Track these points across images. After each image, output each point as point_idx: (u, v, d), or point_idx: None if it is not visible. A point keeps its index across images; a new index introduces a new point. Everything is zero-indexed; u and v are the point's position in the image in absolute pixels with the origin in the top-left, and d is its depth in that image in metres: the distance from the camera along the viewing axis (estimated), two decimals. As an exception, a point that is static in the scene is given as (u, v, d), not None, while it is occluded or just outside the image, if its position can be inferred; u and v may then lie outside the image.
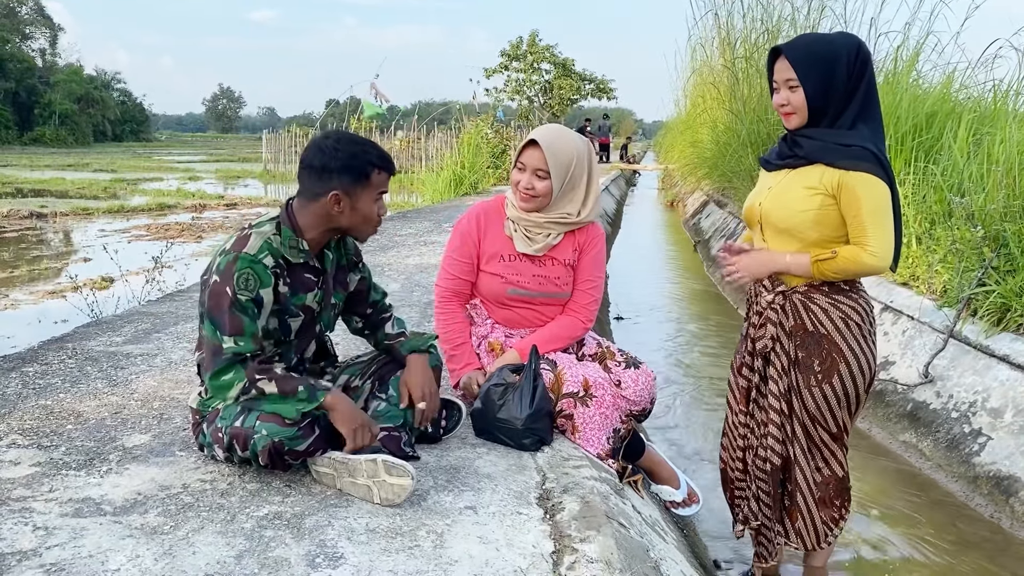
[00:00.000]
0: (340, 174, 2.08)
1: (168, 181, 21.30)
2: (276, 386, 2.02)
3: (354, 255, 2.38)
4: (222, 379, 2.03)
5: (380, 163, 2.13)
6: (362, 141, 2.15)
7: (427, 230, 7.96)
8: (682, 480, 2.78)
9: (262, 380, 2.02)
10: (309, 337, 2.28)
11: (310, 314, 2.21)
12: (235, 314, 2.02)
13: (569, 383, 2.47)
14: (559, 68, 36.62)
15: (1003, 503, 3.11)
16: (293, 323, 2.18)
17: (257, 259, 2.05)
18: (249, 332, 2.04)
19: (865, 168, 2.06)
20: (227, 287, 2.02)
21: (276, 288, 2.09)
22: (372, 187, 2.12)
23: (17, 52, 50.62)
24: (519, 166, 2.61)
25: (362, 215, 2.14)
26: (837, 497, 2.34)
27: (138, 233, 11.18)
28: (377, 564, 1.71)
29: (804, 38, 2.19)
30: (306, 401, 2.01)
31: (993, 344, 3.67)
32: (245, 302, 2.02)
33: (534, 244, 2.64)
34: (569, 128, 2.79)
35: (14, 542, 1.74)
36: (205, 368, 2.07)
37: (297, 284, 2.15)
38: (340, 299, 2.33)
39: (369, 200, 2.13)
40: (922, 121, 5.69)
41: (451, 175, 14.42)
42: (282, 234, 2.12)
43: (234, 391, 2.03)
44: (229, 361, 2.03)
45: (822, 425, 2.26)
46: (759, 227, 2.29)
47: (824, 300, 2.20)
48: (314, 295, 2.20)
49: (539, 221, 2.63)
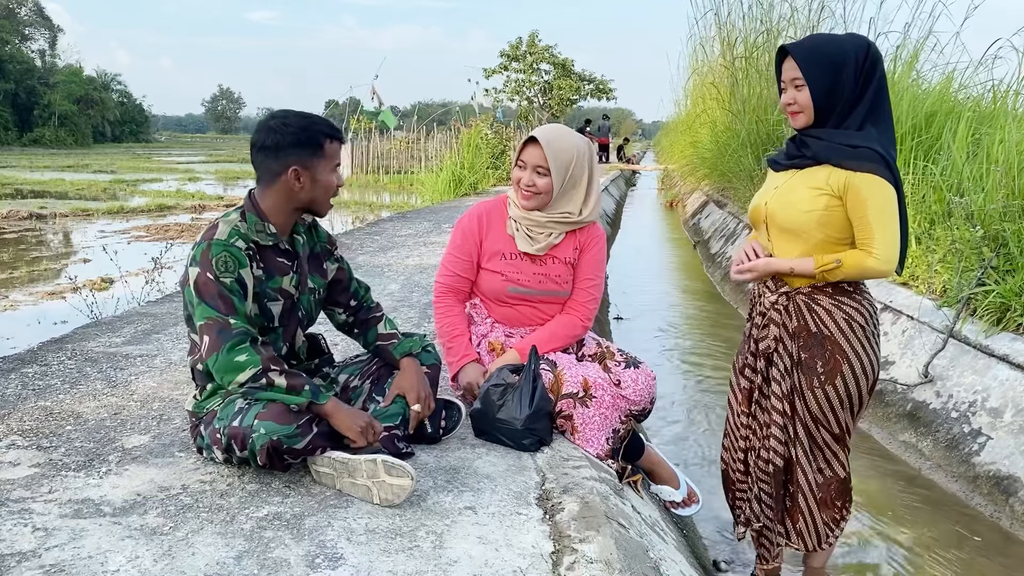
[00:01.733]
0: (295, 148, 2.10)
1: (168, 182, 21.31)
2: (286, 380, 2.01)
3: (327, 243, 2.38)
4: (235, 359, 1.99)
5: (331, 132, 2.16)
6: (308, 115, 2.17)
7: (426, 231, 7.95)
8: (682, 480, 2.78)
9: (275, 372, 2.01)
10: (294, 325, 2.27)
11: (289, 299, 2.22)
12: (225, 295, 2.02)
13: (569, 383, 2.47)
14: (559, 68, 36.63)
15: (1003, 503, 3.11)
16: (274, 307, 2.18)
17: (229, 242, 2.07)
18: (241, 313, 2.04)
19: (872, 169, 2.06)
20: (208, 273, 2.03)
21: (251, 271, 2.10)
22: (327, 157, 2.15)
23: (17, 53, 50.61)
24: (520, 164, 2.62)
25: (322, 186, 2.16)
26: (839, 498, 2.34)
27: (138, 234, 11.18)
28: (376, 564, 1.71)
29: (813, 38, 2.19)
30: (311, 397, 2.03)
31: (993, 344, 3.67)
32: (231, 284, 2.03)
33: (536, 243, 2.65)
34: (570, 128, 2.80)
35: (13, 543, 1.74)
36: (211, 348, 2.01)
37: (271, 267, 2.17)
38: (319, 284, 2.33)
39: (327, 170, 2.16)
40: (921, 121, 5.70)
41: (451, 176, 14.43)
42: (247, 220, 2.14)
43: (245, 375, 1.99)
44: (241, 337, 2.01)
45: (824, 426, 2.26)
46: (764, 227, 2.29)
47: (828, 301, 2.19)
48: (290, 279, 2.21)
49: (541, 220, 2.63)
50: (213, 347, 2.01)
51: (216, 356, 2.00)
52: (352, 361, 2.49)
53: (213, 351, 2.00)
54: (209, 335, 2.02)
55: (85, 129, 52.45)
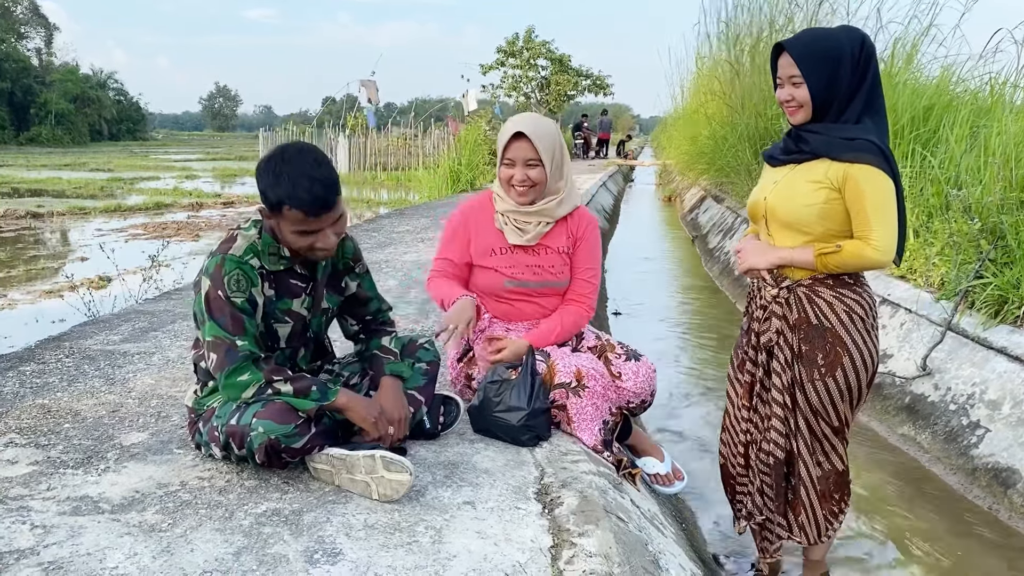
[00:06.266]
0: (263, 195, 2.02)
1: (165, 180, 21.27)
2: (291, 386, 2.02)
3: (351, 258, 2.31)
4: (238, 379, 2.01)
5: (292, 201, 1.95)
6: (299, 171, 1.95)
7: (424, 227, 7.95)
8: (666, 455, 2.78)
9: (278, 381, 2.02)
10: (301, 343, 2.26)
11: (300, 321, 2.19)
12: (236, 314, 2.01)
13: (562, 374, 2.47)
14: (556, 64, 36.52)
15: (1001, 495, 3.11)
16: (280, 329, 2.15)
17: (243, 260, 2.04)
18: (250, 334, 2.03)
19: (869, 161, 2.06)
20: (219, 290, 2.01)
21: (262, 290, 2.08)
22: (287, 220, 1.99)
23: (12, 52, 50.46)
24: (507, 162, 2.57)
25: (286, 240, 2.06)
26: (837, 491, 2.34)
27: (135, 232, 11.17)
28: (375, 560, 1.71)
29: (808, 33, 2.18)
30: (319, 399, 2.03)
31: (991, 336, 3.67)
32: (241, 304, 2.02)
33: (526, 235, 2.63)
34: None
35: (12, 541, 1.74)
36: (217, 366, 2.02)
37: (283, 289, 2.13)
38: (334, 303, 2.29)
39: (287, 230, 2.02)
40: (919, 114, 5.69)
41: (447, 172, 14.42)
42: (262, 240, 2.09)
43: (250, 391, 2.01)
44: (245, 359, 2.01)
45: (824, 419, 2.26)
46: (764, 222, 2.29)
47: (828, 293, 2.20)
48: (302, 301, 2.18)
49: (528, 211, 2.61)
50: (219, 366, 2.02)
51: (221, 376, 2.02)
52: (353, 360, 2.48)
53: (219, 370, 2.03)
54: (217, 353, 2.02)
55: (82, 127, 52.30)
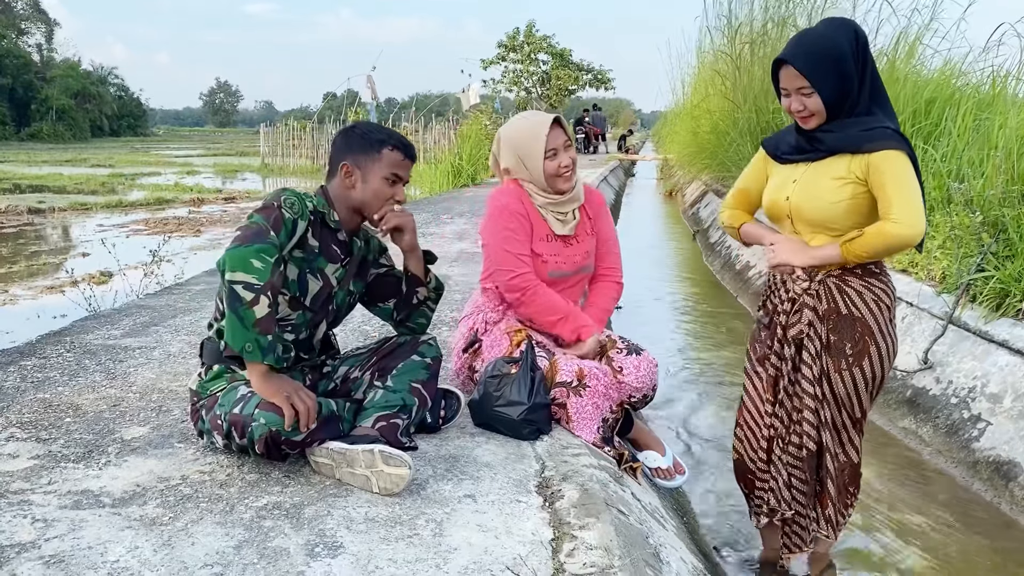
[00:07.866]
0: (353, 148, 2.23)
1: (166, 176, 21.28)
2: (265, 313, 1.90)
3: (378, 251, 2.45)
4: (251, 260, 1.91)
5: (392, 141, 2.24)
6: (384, 128, 2.30)
7: (425, 222, 7.95)
8: (668, 449, 2.78)
9: (267, 297, 1.91)
10: (321, 315, 2.28)
11: (328, 288, 2.25)
12: (281, 220, 2.04)
13: (564, 372, 2.47)
14: (557, 58, 36.43)
15: (1003, 488, 3.11)
16: (312, 283, 2.20)
17: (302, 196, 2.16)
18: (282, 243, 2.03)
19: (887, 145, 2.06)
20: (274, 203, 2.08)
21: (308, 236, 2.15)
22: (382, 162, 2.21)
23: (13, 48, 50.44)
24: (549, 153, 2.61)
25: (372, 189, 2.22)
26: (851, 483, 2.35)
27: (136, 228, 11.18)
28: (376, 553, 1.71)
29: (803, 41, 2.14)
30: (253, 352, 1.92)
31: (992, 329, 3.67)
32: (288, 218, 2.06)
33: (567, 224, 2.73)
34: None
35: (13, 534, 1.74)
36: (239, 240, 1.94)
37: (324, 247, 2.22)
38: (359, 288, 2.40)
39: (378, 175, 2.21)
40: (921, 107, 5.68)
41: (449, 167, 14.41)
42: (316, 201, 2.23)
43: (246, 277, 1.89)
44: (272, 249, 1.95)
45: (847, 409, 2.26)
46: (789, 221, 2.26)
47: (858, 283, 2.19)
48: (335, 269, 2.26)
49: (562, 200, 2.70)
50: (241, 240, 1.95)
51: (238, 247, 1.94)
52: (353, 353, 2.48)
53: (239, 243, 1.94)
54: (245, 232, 1.97)
55: (83, 123, 52.25)
